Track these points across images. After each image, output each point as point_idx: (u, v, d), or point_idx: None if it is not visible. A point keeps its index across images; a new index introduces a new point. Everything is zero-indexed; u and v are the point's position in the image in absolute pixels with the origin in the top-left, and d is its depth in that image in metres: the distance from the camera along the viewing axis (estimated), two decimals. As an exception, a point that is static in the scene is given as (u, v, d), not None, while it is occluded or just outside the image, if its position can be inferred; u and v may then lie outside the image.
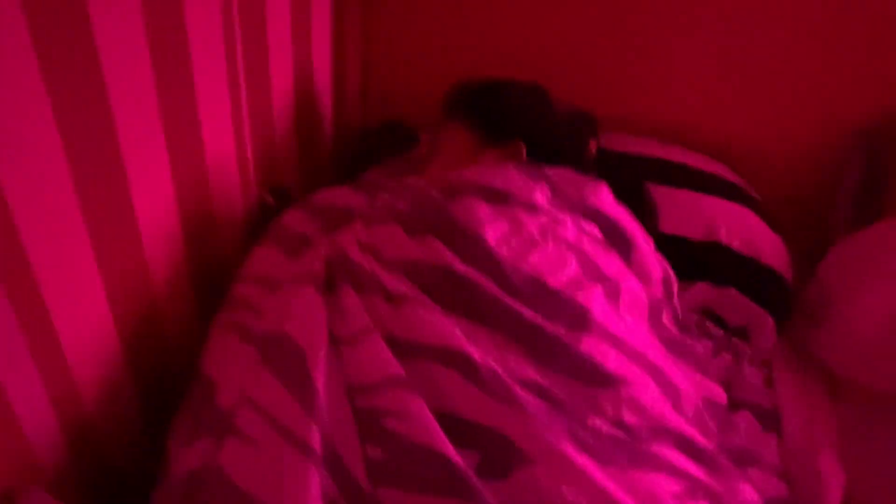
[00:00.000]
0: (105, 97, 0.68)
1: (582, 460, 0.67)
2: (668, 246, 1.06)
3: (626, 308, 0.87)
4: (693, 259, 1.17)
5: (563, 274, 0.83)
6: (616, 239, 0.94)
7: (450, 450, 0.66)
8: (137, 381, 0.85)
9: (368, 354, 0.73)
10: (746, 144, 1.43)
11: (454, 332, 0.74)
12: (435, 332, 0.74)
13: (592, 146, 1.11)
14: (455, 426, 0.68)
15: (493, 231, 0.83)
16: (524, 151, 1.01)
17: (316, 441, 0.66)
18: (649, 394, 0.79)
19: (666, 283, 0.98)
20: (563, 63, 1.44)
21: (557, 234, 0.87)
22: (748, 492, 0.80)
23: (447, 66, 1.47)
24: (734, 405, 1.01)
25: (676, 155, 1.32)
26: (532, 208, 0.88)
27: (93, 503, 0.79)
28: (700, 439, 0.80)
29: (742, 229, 1.20)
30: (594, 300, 0.82)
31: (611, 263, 0.89)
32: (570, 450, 0.67)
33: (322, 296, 0.79)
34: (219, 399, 0.73)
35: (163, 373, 0.89)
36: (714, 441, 0.85)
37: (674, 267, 1.01)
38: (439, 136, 1.08)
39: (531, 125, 1.04)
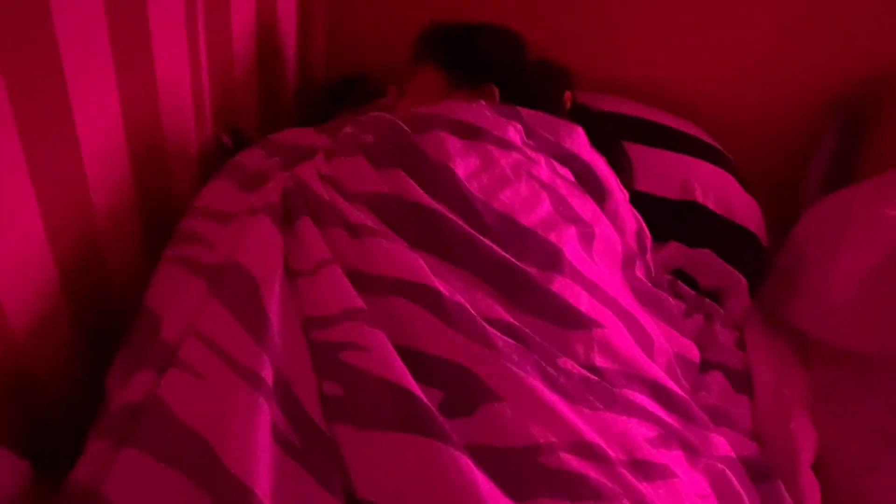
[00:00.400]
0: (49, 17, 0.63)
1: (551, 398, 0.64)
2: (643, 204, 1.04)
3: (599, 253, 0.84)
4: (667, 218, 1.15)
5: (535, 213, 0.79)
6: (590, 185, 0.90)
7: (411, 383, 0.61)
8: (74, 315, 0.79)
9: (327, 286, 0.68)
10: (722, 109, 1.43)
11: (420, 265, 0.69)
12: (399, 265, 0.70)
13: (567, 98, 1.07)
14: (418, 362, 0.64)
15: (464, 165, 0.79)
16: (497, 94, 0.98)
17: (267, 373, 0.61)
18: (622, 339, 0.76)
19: (639, 235, 0.95)
20: (537, 21, 1.39)
21: (531, 172, 0.83)
22: (722, 444, 0.77)
23: (415, 19, 1.43)
24: (706, 366, 1.00)
25: (653, 115, 1.31)
26: (505, 144, 0.84)
27: (20, 446, 0.73)
28: (675, 388, 0.77)
29: (718, 189, 1.19)
30: (567, 241, 0.78)
31: (585, 206, 0.86)
32: (540, 386, 0.64)
33: (278, 227, 0.74)
34: (164, 333, 0.67)
35: (103, 308, 0.84)
36: (687, 394, 0.82)
37: (647, 225, 0.98)
38: (411, 78, 1.05)
39: (505, 69, 1.02)
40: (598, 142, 1.04)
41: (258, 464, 0.56)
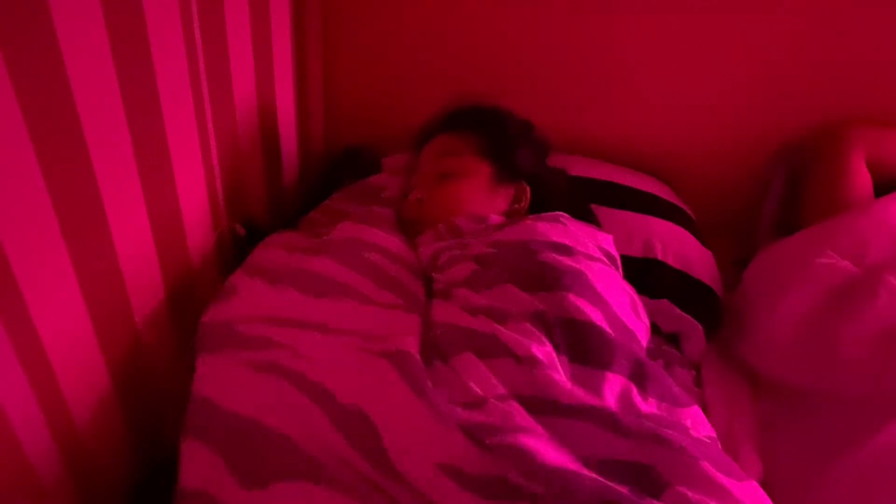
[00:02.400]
0: (86, 152, 0.75)
1: (714, 473, 0.70)
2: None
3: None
4: (632, 274, 1.25)
5: (630, 317, 0.94)
6: None
7: (603, 482, 0.67)
8: (122, 399, 0.92)
9: (503, 414, 0.73)
10: (682, 162, 1.54)
11: (576, 390, 0.77)
12: (561, 392, 0.76)
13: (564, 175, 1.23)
14: (603, 468, 0.70)
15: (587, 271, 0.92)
16: (528, 193, 1.11)
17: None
18: (699, 412, 0.88)
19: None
20: (510, 87, 1.50)
21: (610, 277, 0.96)
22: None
23: (406, 92, 1.58)
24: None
25: (619, 176, 1.42)
26: (589, 258, 0.97)
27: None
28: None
29: (676, 246, 1.30)
30: (644, 337, 0.95)
31: (637, 299, 1.00)
32: (704, 464, 0.70)
33: (411, 374, 0.77)
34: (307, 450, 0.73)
35: (146, 395, 0.97)
36: None
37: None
38: (450, 154, 1.13)
39: (534, 168, 1.15)
40: (573, 209, 1.17)
41: None
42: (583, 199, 1.28)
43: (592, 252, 0.99)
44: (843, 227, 1.17)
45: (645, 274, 1.27)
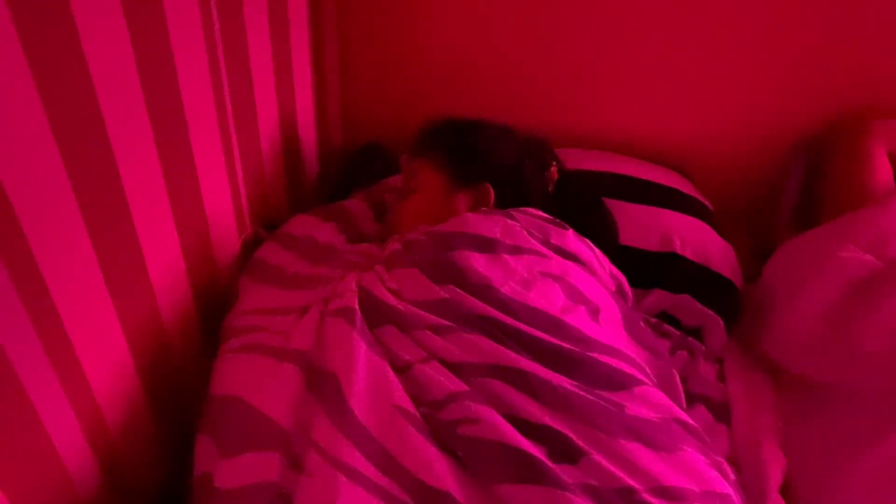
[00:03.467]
0: (113, 163, 0.76)
1: (633, 448, 0.77)
2: (629, 257, 1.18)
3: (606, 322, 0.97)
4: (651, 269, 1.28)
5: (556, 304, 0.93)
6: None
7: (522, 442, 0.74)
8: (155, 409, 0.94)
9: (429, 377, 0.81)
10: (700, 154, 1.54)
11: (504, 352, 0.83)
12: (485, 352, 0.83)
13: (554, 171, 1.20)
14: (520, 427, 0.77)
15: (494, 278, 0.92)
16: (492, 193, 1.11)
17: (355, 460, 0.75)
18: (652, 390, 0.89)
19: (622, 292, 1.09)
20: (525, 82, 1.54)
21: (542, 270, 0.97)
22: (726, 465, 0.88)
23: (421, 90, 1.59)
24: (690, 398, 1.12)
25: (634, 169, 1.42)
26: (516, 250, 0.97)
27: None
28: (693, 423, 0.89)
29: (695, 240, 1.30)
30: (581, 321, 0.92)
31: (589, 286, 0.99)
32: (622, 442, 0.77)
33: (360, 329, 0.86)
34: (270, 416, 0.80)
35: (176, 400, 0.99)
36: None
37: (632, 276, 1.11)
38: (413, 176, 1.17)
39: (499, 168, 1.14)
40: (582, 206, 1.18)
41: None
42: (593, 194, 1.27)
43: (530, 246, 0.99)
44: (865, 220, 1.17)
45: (663, 268, 1.27)
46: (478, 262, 0.93)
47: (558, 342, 0.86)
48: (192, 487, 0.84)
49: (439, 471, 0.74)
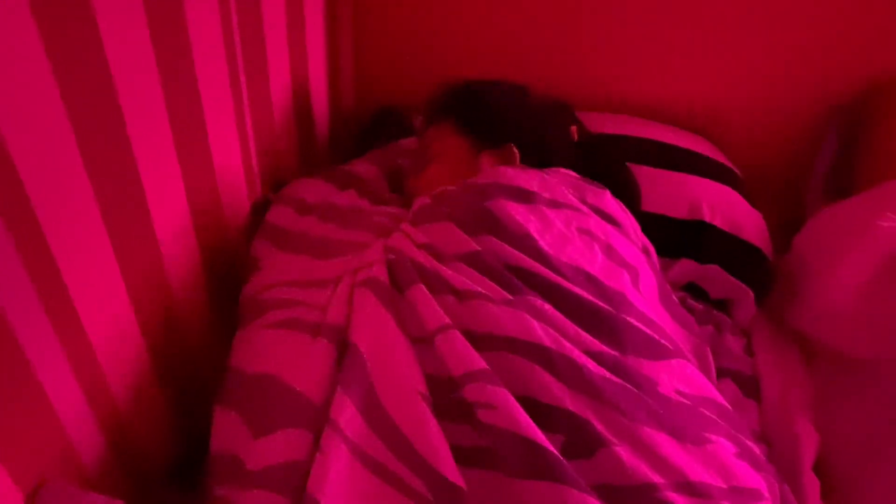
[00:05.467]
0: (121, 119, 0.73)
1: (659, 439, 0.72)
2: (654, 224, 1.12)
3: (644, 290, 0.93)
4: (678, 237, 1.23)
5: (594, 263, 0.88)
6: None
7: (537, 434, 0.70)
8: (162, 376, 0.91)
9: (449, 349, 0.77)
10: (727, 119, 1.48)
11: (526, 323, 0.78)
12: (507, 324, 0.78)
13: (574, 132, 1.15)
14: (538, 411, 0.73)
15: (533, 228, 0.88)
16: (517, 155, 1.07)
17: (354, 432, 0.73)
18: (688, 365, 0.85)
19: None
20: (545, 44, 1.48)
21: (581, 227, 0.92)
22: (758, 450, 0.85)
23: (436, 53, 1.53)
24: (718, 373, 1.07)
25: (658, 133, 1.36)
26: (555, 204, 0.93)
27: (130, 495, 0.86)
28: (727, 404, 0.86)
29: (724, 207, 1.25)
30: (624, 285, 0.88)
31: (628, 250, 0.95)
32: (647, 431, 0.72)
33: (384, 302, 0.82)
34: (305, 395, 0.76)
35: (185, 368, 0.96)
36: None
37: (659, 244, 1.06)
38: (431, 142, 1.12)
39: (522, 129, 1.09)
40: (605, 171, 1.13)
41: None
42: (617, 158, 1.22)
43: (568, 201, 0.95)
44: (906, 187, 1.12)
45: (692, 237, 1.23)
46: (516, 211, 0.89)
47: (597, 301, 0.82)
48: (213, 464, 0.80)
49: (453, 462, 0.71)
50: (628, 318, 0.83)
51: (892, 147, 1.23)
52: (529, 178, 0.95)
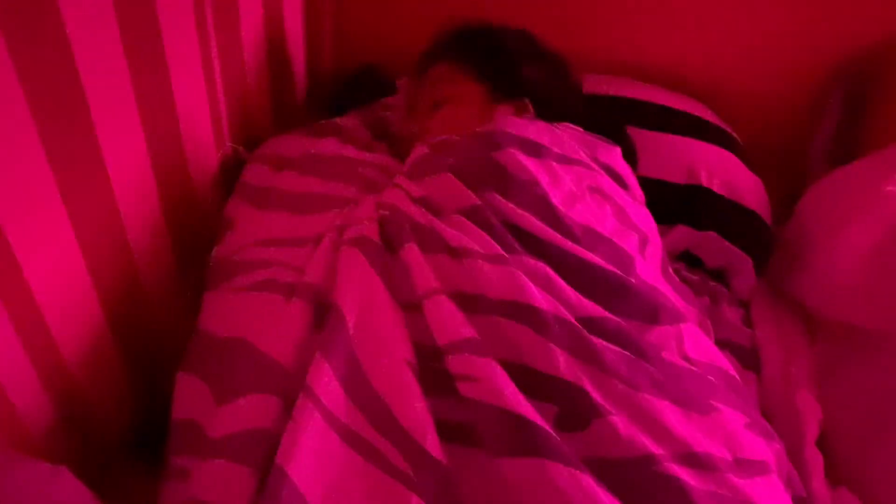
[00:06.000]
0: (72, 62, 0.66)
1: (661, 407, 0.68)
2: (651, 189, 1.07)
3: (649, 257, 0.89)
4: (675, 202, 1.18)
5: (605, 224, 0.84)
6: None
7: (525, 408, 0.65)
8: (120, 340, 0.84)
9: (436, 317, 0.72)
10: (726, 83, 1.42)
11: (521, 283, 0.73)
12: (501, 285, 0.73)
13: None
14: (529, 378, 0.68)
15: (544, 181, 0.83)
16: (532, 110, 1.02)
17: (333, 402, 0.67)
18: (698, 331, 0.82)
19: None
20: (541, 3, 1.41)
21: (591, 185, 0.88)
22: (765, 425, 0.81)
23: (421, 8, 1.45)
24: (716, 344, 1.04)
25: (655, 96, 1.31)
26: (565, 160, 0.88)
27: (83, 466, 0.79)
28: (735, 374, 0.83)
29: (723, 172, 1.21)
30: (633, 248, 0.84)
31: (639, 214, 0.91)
32: (648, 398, 0.68)
33: (372, 262, 0.77)
34: (274, 358, 0.71)
35: (146, 331, 0.89)
36: None
37: (655, 210, 1.01)
38: (441, 83, 1.06)
39: (542, 83, 1.05)
40: (601, 132, 1.07)
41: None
42: (614, 120, 1.18)
43: (579, 157, 0.91)
44: (914, 151, 1.07)
45: (689, 202, 1.19)
46: (527, 162, 0.84)
47: (604, 264, 0.77)
48: (173, 433, 0.74)
49: (437, 437, 0.66)
50: (636, 282, 0.78)
51: (900, 109, 1.18)
52: (540, 131, 0.90)
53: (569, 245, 0.78)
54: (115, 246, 0.80)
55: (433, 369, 0.70)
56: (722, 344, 1.04)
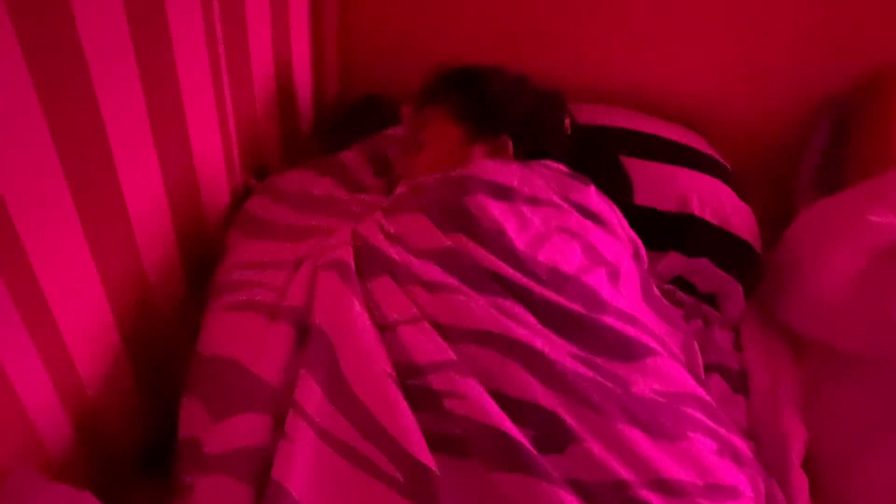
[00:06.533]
0: (93, 98, 0.70)
1: (632, 434, 0.71)
2: (643, 217, 1.11)
3: (624, 287, 0.91)
4: (667, 230, 1.21)
5: (571, 262, 0.87)
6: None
7: (508, 426, 0.68)
8: (134, 363, 0.88)
9: (413, 340, 0.75)
10: (715, 110, 1.46)
11: (496, 316, 0.76)
12: (477, 317, 0.77)
13: (567, 124, 1.13)
14: (508, 404, 0.71)
15: (510, 227, 0.86)
16: (511, 147, 1.05)
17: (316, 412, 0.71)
18: (668, 363, 0.84)
19: (638, 255, 1.02)
20: (532, 32, 1.46)
21: (560, 225, 0.91)
22: (742, 445, 0.83)
23: (423, 39, 1.50)
24: (705, 368, 1.05)
25: (647, 125, 1.35)
26: (534, 201, 0.92)
27: (98, 483, 0.83)
28: (710, 399, 0.85)
29: (713, 200, 1.24)
30: (600, 283, 0.86)
31: (609, 247, 0.93)
32: (620, 427, 0.71)
33: (348, 285, 0.81)
34: (264, 378, 0.75)
35: (158, 356, 0.93)
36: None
37: (647, 237, 1.05)
38: (424, 126, 1.09)
39: (519, 121, 1.07)
40: (596, 163, 1.11)
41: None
42: (609, 150, 1.22)
43: (548, 198, 0.93)
44: (896, 181, 1.10)
45: (680, 230, 1.21)
46: (493, 208, 0.87)
47: (566, 303, 0.81)
48: (178, 450, 0.79)
49: (424, 443, 0.69)
50: (603, 319, 0.81)
51: (883, 140, 1.21)
52: (510, 174, 0.93)
53: (534, 285, 0.81)
54: (131, 272, 0.84)
55: (413, 385, 0.73)
56: (713, 368, 1.08)
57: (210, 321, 0.86)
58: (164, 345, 0.93)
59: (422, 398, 0.72)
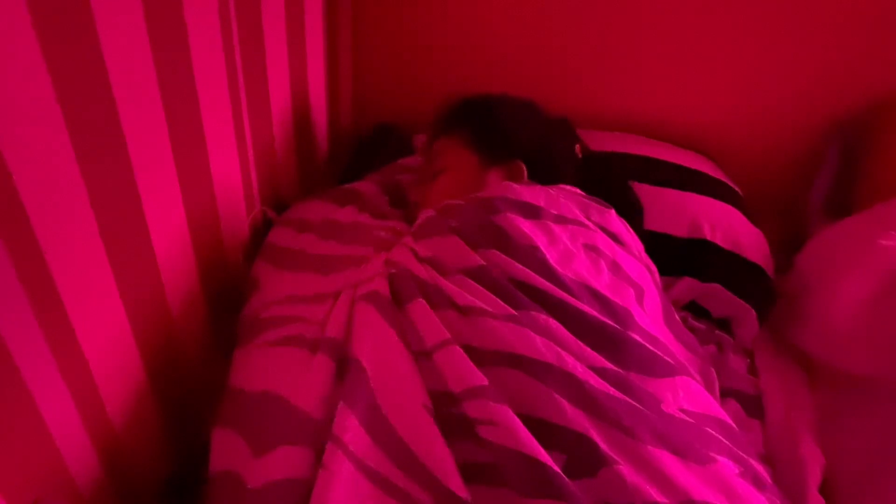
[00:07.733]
0: (121, 136, 0.72)
1: (662, 457, 0.71)
2: (655, 243, 1.12)
3: (648, 309, 0.92)
4: (679, 255, 1.22)
5: (600, 279, 0.88)
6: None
7: (541, 453, 0.69)
8: (159, 396, 0.89)
9: (451, 365, 0.76)
10: (726, 136, 1.48)
11: (528, 339, 0.77)
12: (509, 341, 0.77)
13: (578, 150, 1.15)
14: (539, 428, 0.72)
15: (541, 242, 0.88)
16: (525, 171, 1.06)
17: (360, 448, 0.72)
18: (693, 383, 0.84)
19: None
20: (545, 61, 1.48)
21: (587, 243, 0.92)
22: (762, 469, 0.84)
23: (434, 70, 1.53)
24: (721, 393, 1.06)
25: (659, 151, 1.37)
26: (560, 220, 0.93)
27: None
28: (731, 422, 0.85)
29: (725, 226, 1.25)
30: (630, 302, 0.87)
31: (634, 268, 0.94)
32: (650, 450, 0.72)
33: (385, 315, 0.82)
34: (305, 411, 0.76)
35: (181, 390, 0.94)
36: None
37: (660, 263, 1.06)
38: (440, 156, 1.11)
39: (532, 147, 1.09)
40: (608, 189, 1.12)
41: None
42: (620, 176, 1.23)
43: (574, 216, 0.95)
44: (907, 206, 1.11)
45: (693, 255, 1.22)
46: (523, 225, 0.89)
47: (602, 318, 0.82)
48: (213, 485, 0.79)
49: (459, 476, 0.70)
50: (633, 335, 0.82)
51: (892, 165, 1.23)
52: (536, 194, 0.95)
53: (569, 298, 0.82)
54: (156, 308, 0.86)
55: (450, 414, 0.74)
56: (727, 392, 1.08)
57: (251, 356, 0.86)
58: (186, 376, 0.95)
59: (457, 426, 0.73)
